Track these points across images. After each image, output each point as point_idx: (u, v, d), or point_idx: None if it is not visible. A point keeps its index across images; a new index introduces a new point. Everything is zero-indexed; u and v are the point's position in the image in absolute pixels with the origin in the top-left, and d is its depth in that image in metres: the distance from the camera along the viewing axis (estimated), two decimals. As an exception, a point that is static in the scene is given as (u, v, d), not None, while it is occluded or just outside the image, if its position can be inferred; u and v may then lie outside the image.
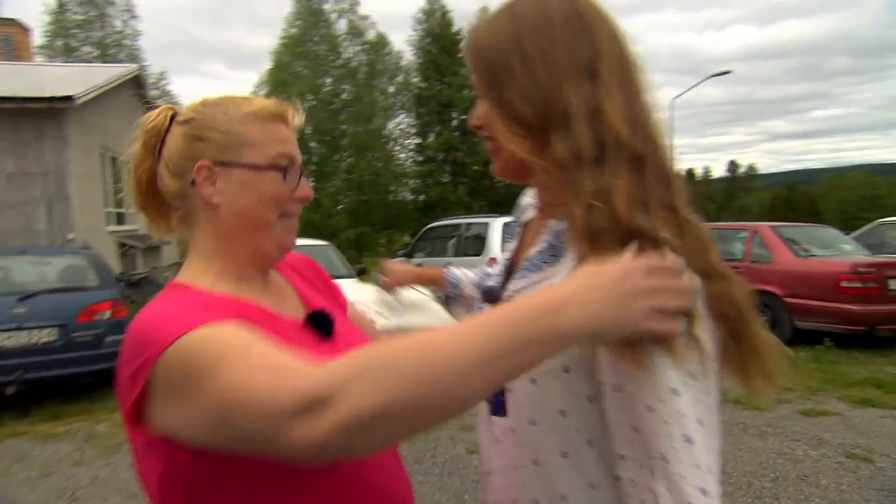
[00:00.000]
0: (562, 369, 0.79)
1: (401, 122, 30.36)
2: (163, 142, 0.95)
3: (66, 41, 29.01)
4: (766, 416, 5.06)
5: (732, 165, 74.19)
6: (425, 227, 10.42)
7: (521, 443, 0.86)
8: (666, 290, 0.68)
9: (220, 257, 0.95)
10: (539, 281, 0.85)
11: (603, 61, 0.81)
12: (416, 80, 29.51)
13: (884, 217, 11.76)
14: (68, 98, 9.57)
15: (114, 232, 11.86)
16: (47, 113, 9.73)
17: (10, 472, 4.29)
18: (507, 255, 1.00)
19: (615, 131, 0.77)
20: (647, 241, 0.72)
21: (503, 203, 27.82)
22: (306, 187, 1.00)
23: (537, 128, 0.81)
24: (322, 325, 0.99)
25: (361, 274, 8.18)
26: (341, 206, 27.31)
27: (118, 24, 30.34)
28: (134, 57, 28.52)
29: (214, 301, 0.86)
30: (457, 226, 9.30)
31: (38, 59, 16.96)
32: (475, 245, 8.29)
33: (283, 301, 1.02)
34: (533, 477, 0.85)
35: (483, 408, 0.95)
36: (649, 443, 0.70)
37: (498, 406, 0.89)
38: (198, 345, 0.72)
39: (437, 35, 28.35)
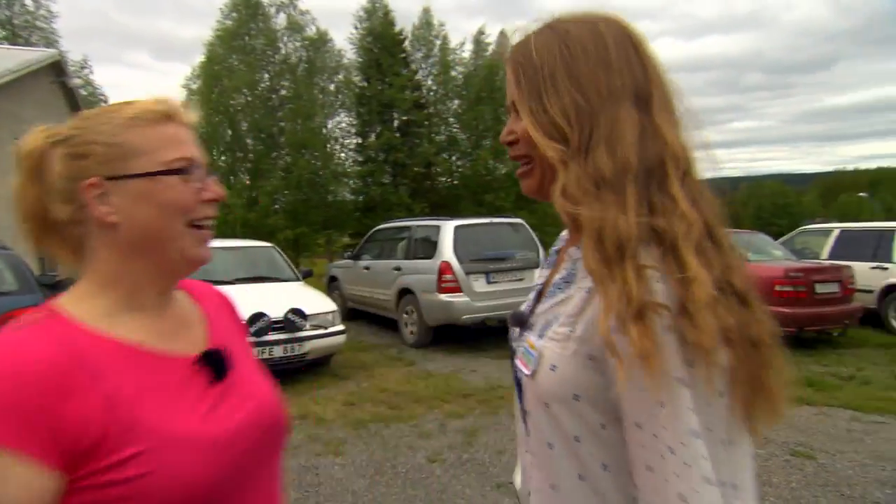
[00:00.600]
0: (572, 397, 0.80)
1: (341, 121, 29.94)
2: (43, 167, 0.86)
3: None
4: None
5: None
6: (373, 229, 10.27)
7: (541, 466, 0.88)
8: None
9: (120, 284, 0.87)
10: (558, 303, 0.87)
11: (654, 87, 0.85)
12: (356, 78, 29.25)
13: (797, 223, 12.51)
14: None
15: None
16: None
17: None
18: (540, 280, 1.01)
19: (672, 149, 0.82)
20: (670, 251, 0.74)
21: (444, 205, 27.96)
22: (214, 188, 0.91)
23: (575, 144, 0.83)
24: (216, 366, 0.91)
25: (307, 276, 8.02)
26: (278, 206, 26.70)
27: (29, 2, 28.55)
28: (49, 41, 27.07)
29: (76, 341, 0.77)
30: (406, 227, 9.22)
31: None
32: (425, 248, 8.21)
33: (179, 334, 0.93)
34: (552, 499, 0.86)
35: (521, 428, 0.95)
36: (667, 483, 0.71)
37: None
38: None
39: (379, 34, 28.12)
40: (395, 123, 28.82)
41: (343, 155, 29.94)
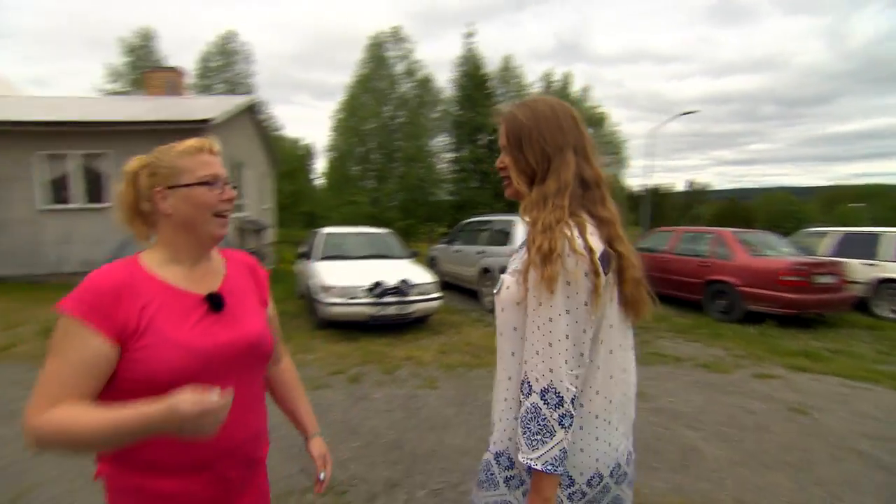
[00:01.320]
0: (515, 304, 1.03)
1: (441, 141, 30.14)
2: (137, 180, 1.06)
3: (206, 81, 29.66)
4: (728, 377, 4.89)
5: (689, 183, 72.19)
6: (462, 222, 10.23)
7: (499, 345, 1.09)
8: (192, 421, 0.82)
9: (171, 245, 1.07)
10: (517, 257, 1.09)
11: (586, 143, 1.09)
12: (453, 109, 29.20)
13: (802, 227, 11.73)
14: (207, 121, 9.69)
15: (233, 218, 11.97)
16: (193, 132, 9.82)
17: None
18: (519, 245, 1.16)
19: (597, 174, 1.08)
20: (581, 226, 0.99)
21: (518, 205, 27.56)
22: (228, 192, 1.10)
23: (537, 177, 1.07)
24: (214, 303, 1.07)
25: (414, 256, 8.10)
26: (394, 203, 27.27)
27: (240, 67, 30.94)
28: (249, 90, 28.94)
29: (134, 273, 1.01)
30: (487, 221, 9.14)
31: (189, 93, 17.09)
32: (501, 237, 8.14)
33: (201, 282, 1.09)
34: (504, 363, 1.08)
35: None
36: (531, 344, 0.96)
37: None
38: (59, 327, 0.92)
39: (471, 75, 27.97)
40: (482, 142, 28.60)
41: (442, 166, 30.06)
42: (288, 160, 30.36)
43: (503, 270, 1.14)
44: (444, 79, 37.79)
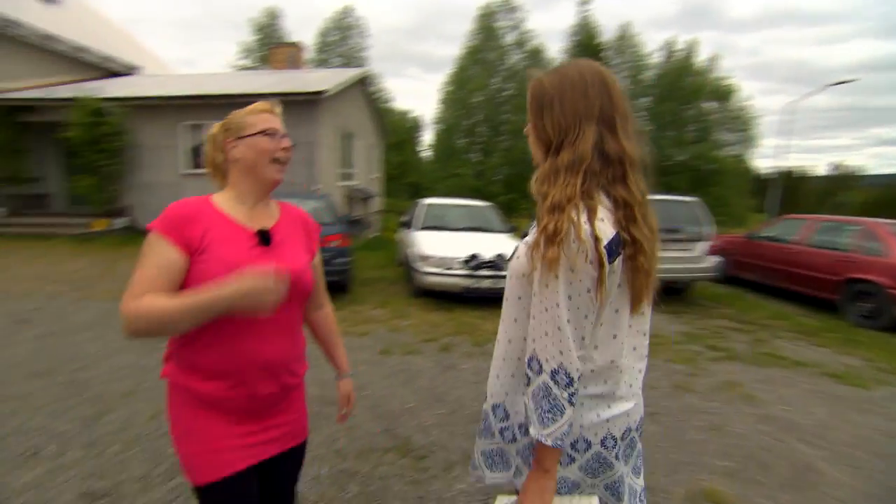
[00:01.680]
0: (522, 275, 1.04)
1: (549, 115, 29.02)
2: (216, 138, 1.31)
3: (324, 55, 31.43)
4: (864, 393, 4.20)
5: (834, 166, 62.56)
6: None
7: (504, 308, 1.13)
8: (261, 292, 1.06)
9: (237, 187, 1.29)
10: (532, 230, 1.04)
11: (616, 112, 1.01)
12: (564, 82, 27.94)
13: None
14: (322, 92, 10.24)
15: (342, 186, 12.67)
16: (309, 103, 10.48)
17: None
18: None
19: (621, 150, 1.01)
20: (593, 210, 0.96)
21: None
22: (284, 142, 1.30)
23: (553, 146, 1.03)
24: (262, 238, 1.27)
25: (512, 231, 7.98)
26: (498, 177, 27.02)
27: (355, 41, 32.23)
28: (362, 63, 30.04)
29: (204, 205, 1.24)
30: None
31: (308, 67, 18.15)
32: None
33: (257, 221, 1.29)
34: (506, 326, 1.13)
35: None
36: (538, 324, 0.97)
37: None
38: (146, 241, 1.16)
39: (585, 45, 26.45)
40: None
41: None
42: (397, 132, 31.30)
43: (525, 234, 1.18)
44: (556, 49, 36.10)
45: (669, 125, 26.47)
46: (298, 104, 10.43)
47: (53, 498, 2.33)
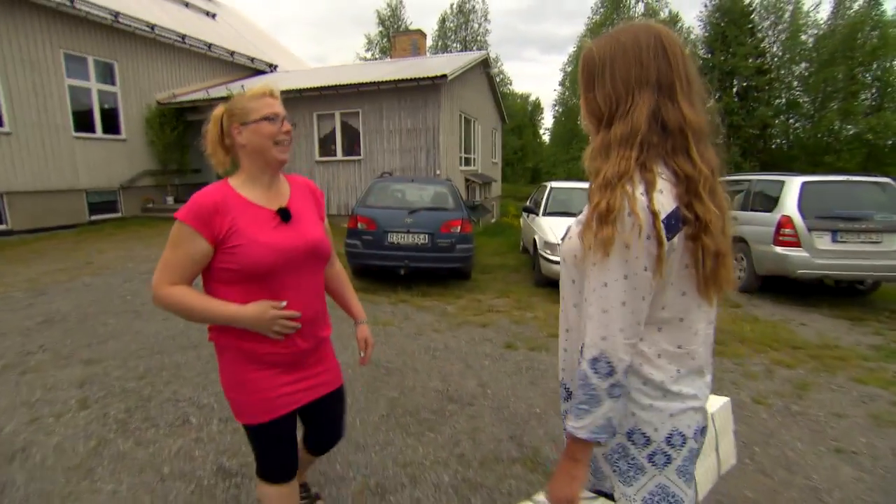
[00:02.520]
0: (574, 256, 1.00)
1: (683, 90, 26.20)
2: (221, 122, 1.40)
3: (444, 42, 31.77)
4: None
5: None
6: None
7: (561, 292, 1.09)
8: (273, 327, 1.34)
9: (247, 170, 1.40)
10: (584, 210, 0.97)
11: (676, 78, 0.92)
12: (700, 51, 24.99)
13: None
14: (443, 77, 10.12)
15: (462, 171, 12.58)
16: (432, 88, 10.45)
17: (400, 326, 4.73)
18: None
19: (683, 118, 0.91)
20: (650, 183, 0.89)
21: (775, 164, 22.65)
22: (286, 126, 1.38)
23: (605, 119, 0.97)
24: (284, 215, 1.40)
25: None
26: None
27: (475, 26, 32.06)
28: (482, 47, 29.78)
29: (226, 193, 1.35)
30: (745, 181, 7.42)
31: (429, 54, 18.34)
32: (764, 201, 6.46)
33: (273, 200, 1.41)
34: (563, 314, 1.08)
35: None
36: (590, 304, 0.91)
37: None
38: (174, 228, 1.31)
39: (728, 9, 23.30)
40: (734, 89, 23.94)
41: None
42: (515, 116, 30.61)
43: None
44: (693, 17, 32.36)
45: (835, 94, 22.33)
46: (421, 90, 10.47)
47: (195, 469, 2.40)
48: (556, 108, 29.18)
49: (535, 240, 6.60)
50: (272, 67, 16.12)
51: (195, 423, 2.84)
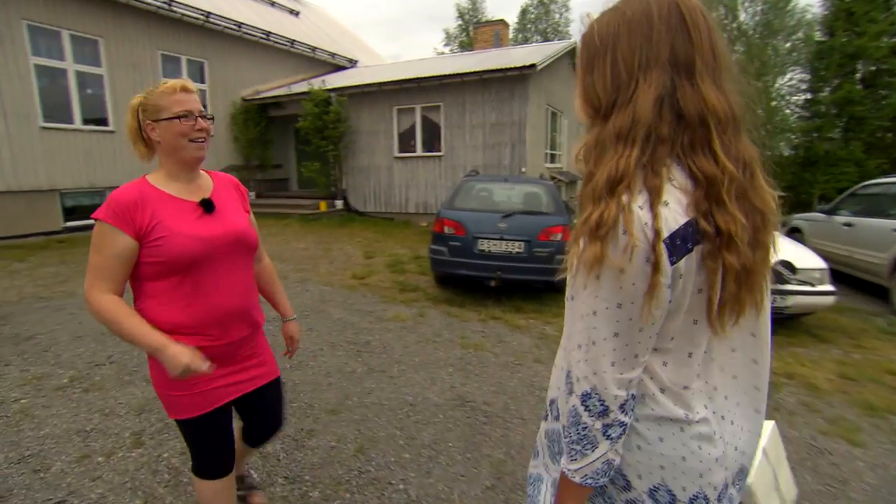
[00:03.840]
0: (572, 275, 0.80)
1: (791, 79, 23.28)
2: (138, 113, 1.41)
3: (524, 34, 30.77)
4: None
5: None
6: (860, 185, 7.00)
7: (567, 307, 0.86)
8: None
9: (164, 167, 1.42)
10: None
11: (698, 54, 0.74)
12: (818, 33, 22.00)
13: None
14: (532, 66, 9.27)
15: (548, 168, 11.64)
16: (519, 79, 9.63)
17: (494, 351, 3.97)
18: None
19: (705, 103, 0.73)
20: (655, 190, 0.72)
21: (909, 163, 19.52)
22: (200, 124, 1.38)
23: (601, 112, 0.79)
24: (206, 206, 1.42)
25: (796, 231, 5.84)
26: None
27: (556, 17, 30.80)
28: (564, 38, 28.49)
29: (143, 188, 1.37)
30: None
31: (510, 45, 17.46)
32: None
33: (195, 193, 1.44)
34: (565, 333, 0.88)
35: None
36: (574, 333, 0.77)
37: None
38: (95, 229, 1.32)
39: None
40: (858, 75, 20.78)
41: (787, 111, 23.48)
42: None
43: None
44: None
45: None
46: (508, 81, 9.68)
47: None
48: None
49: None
50: (352, 63, 15.95)
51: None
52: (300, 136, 12.03)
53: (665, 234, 0.70)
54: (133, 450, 2.50)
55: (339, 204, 11.52)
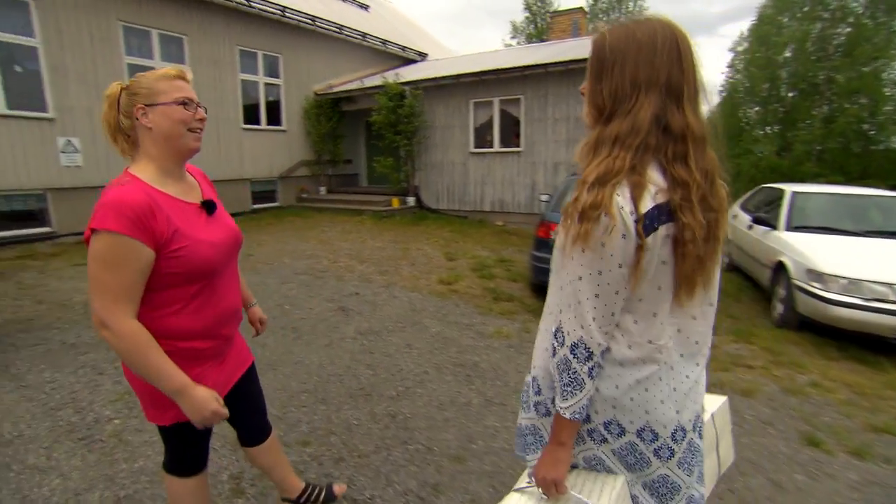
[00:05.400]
0: (560, 247, 1.00)
1: (906, 65, 20.58)
2: (118, 101, 1.28)
3: (594, 25, 29.54)
4: None
5: None
6: None
7: (551, 279, 1.11)
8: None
9: (156, 160, 1.29)
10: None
11: (686, 83, 0.93)
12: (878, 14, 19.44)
13: None
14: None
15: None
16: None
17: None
18: None
19: (686, 124, 0.92)
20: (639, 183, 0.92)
21: None
22: (199, 113, 1.33)
23: (604, 116, 0.98)
24: (208, 208, 1.38)
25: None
26: (810, 151, 20.64)
27: (630, 5, 29.20)
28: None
29: (147, 191, 1.22)
30: None
31: (587, 35, 16.49)
32: None
33: (189, 192, 1.37)
34: (550, 299, 1.11)
35: None
36: (563, 296, 0.98)
37: None
38: (107, 243, 1.15)
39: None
40: None
41: (901, 101, 20.81)
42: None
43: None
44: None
45: None
46: (581, 73, 8.83)
47: None
48: (723, 93, 25.07)
49: (781, 262, 4.76)
50: (422, 56, 15.57)
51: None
52: (372, 131, 11.76)
53: (635, 216, 0.89)
54: (233, 500, 2.11)
55: (410, 201, 11.16)
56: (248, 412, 1.68)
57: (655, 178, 0.92)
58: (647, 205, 0.89)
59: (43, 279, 5.62)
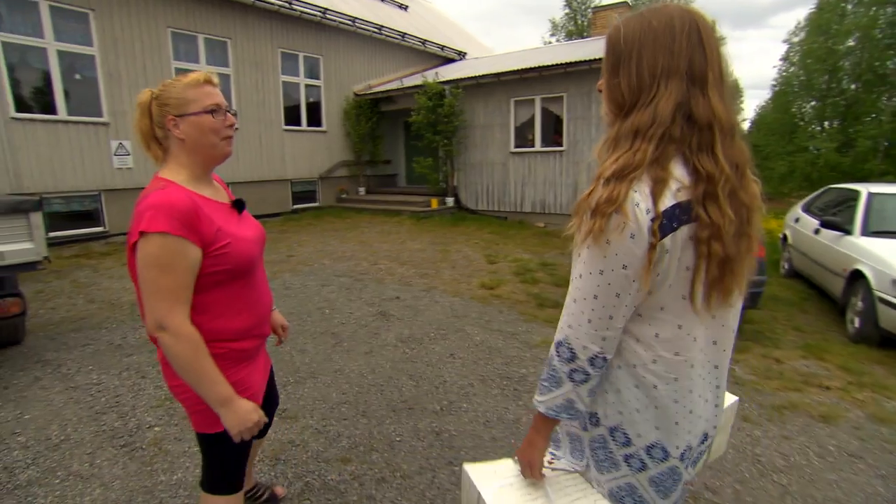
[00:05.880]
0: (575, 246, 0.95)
1: None
2: (150, 109, 1.28)
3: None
4: None
5: None
6: None
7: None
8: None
9: (187, 168, 1.30)
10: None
11: (710, 69, 0.85)
12: None
13: None
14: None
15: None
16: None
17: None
18: None
19: (712, 112, 0.85)
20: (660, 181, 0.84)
21: None
22: (230, 119, 1.32)
23: (623, 110, 0.91)
24: (238, 207, 1.42)
25: None
26: (875, 146, 19.21)
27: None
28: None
29: (188, 193, 1.23)
30: None
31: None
32: None
33: (217, 194, 1.38)
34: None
35: None
36: (568, 293, 0.93)
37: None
38: (159, 245, 1.14)
39: None
40: None
41: None
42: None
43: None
44: None
45: None
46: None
47: None
48: (777, 87, 23.70)
49: (858, 271, 4.33)
50: (461, 55, 15.40)
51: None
52: (411, 131, 11.69)
53: (652, 214, 0.82)
54: (273, 518, 2.01)
55: (449, 201, 11.01)
56: (269, 411, 1.72)
57: (678, 174, 0.85)
58: (667, 202, 0.83)
59: (96, 278, 5.79)
